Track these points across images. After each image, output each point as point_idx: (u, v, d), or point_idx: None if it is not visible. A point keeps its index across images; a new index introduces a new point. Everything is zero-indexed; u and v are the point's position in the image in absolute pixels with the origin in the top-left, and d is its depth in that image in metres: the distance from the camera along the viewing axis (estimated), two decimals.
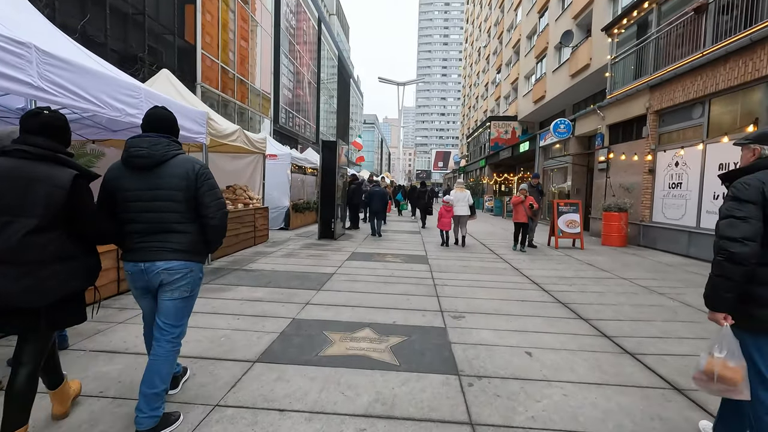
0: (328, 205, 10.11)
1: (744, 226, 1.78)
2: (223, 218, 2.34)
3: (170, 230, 2.22)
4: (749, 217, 1.78)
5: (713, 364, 1.85)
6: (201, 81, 17.45)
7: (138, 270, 2.21)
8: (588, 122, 13.78)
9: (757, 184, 1.81)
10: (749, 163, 1.95)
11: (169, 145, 2.26)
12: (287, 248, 8.55)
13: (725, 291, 1.81)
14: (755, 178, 1.84)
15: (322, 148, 10.09)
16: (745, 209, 1.80)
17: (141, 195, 2.19)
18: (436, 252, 8.78)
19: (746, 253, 1.75)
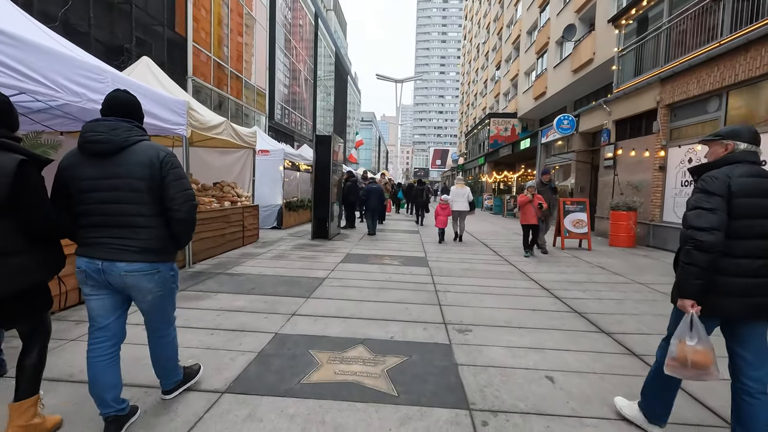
0: (321, 204, 9.58)
1: (711, 217, 1.88)
2: (191, 211, 2.13)
3: (131, 224, 2.02)
4: (716, 209, 1.88)
5: (685, 351, 1.94)
6: (192, 75, 16.86)
7: (95, 268, 2.00)
8: (593, 118, 13.28)
9: (724, 178, 1.91)
10: (720, 157, 2.04)
11: (130, 130, 2.05)
12: (278, 249, 8.02)
13: (694, 278, 1.91)
14: (722, 172, 1.94)
15: (315, 143, 9.55)
16: (713, 201, 1.89)
17: (98, 184, 1.98)
18: (436, 253, 8.26)
19: (713, 242, 1.85)
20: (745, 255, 1.91)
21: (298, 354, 3.12)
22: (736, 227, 1.90)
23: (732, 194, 1.89)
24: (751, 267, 1.90)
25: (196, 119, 6.16)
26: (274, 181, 11.47)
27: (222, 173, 8.88)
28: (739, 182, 1.90)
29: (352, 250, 8.28)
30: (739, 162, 1.97)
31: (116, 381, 2.11)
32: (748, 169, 1.94)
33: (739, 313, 1.94)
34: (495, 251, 8.80)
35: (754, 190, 1.90)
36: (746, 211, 1.89)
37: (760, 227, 1.90)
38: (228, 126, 7.36)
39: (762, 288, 1.90)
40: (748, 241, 1.90)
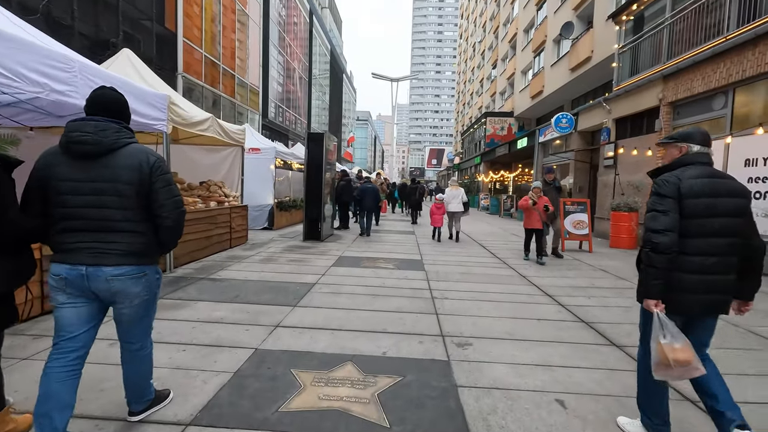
0: (314, 204, 9.23)
1: (664, 219, 1.95)
2: (180, 218, 2.09)
3: (115, 229, 1.93)
4: (668, 210, 1.95)
5: (664, 351, 1.93)
6: (183, 71, 16.44)
7: (77, 274, 1.88)
8: (592, 116, 13.02)
9: (675, 181, 1.98)
10: (675, 159, 2.11)
11: (119, 132, 1.96)
12: (267, 251, 7.66)
13: (653, 278, 1.97)
14: (673, 174, 2.02)
15: (307, 141, 9.20)
16: (665, 203, 1.97)
17: (80, 187, 1.89)
18: (432, 255, 7.94)
19: (666, 243, 1.92)
20: (699, 253, 1.98)
21: (278, 374, 2.78)
22: (689, 226, 1.97)
23: (682, 195, 1.97)
24: (705, 264, 1.97)
25: (178, 114, 5.80)
26: (265, 181, 11.10)
27: (209, 172, 8.51)
28: (689, 183, 1.98)
29: (345, 252, 7.94)
30: (692, 164, 2.06)
31: (71, 401, 1.92)
32: (700, 171, 2.02)
33: (697, 309, 2.03)
34: (493, 253, 8.49)
35: (704, 191, 1.97)
36: (697, 210, 1.96)
37: (711, 225, 1.97)
38: (214, 122, 7.00)
39: (716, 284, 1.99)
40: (702, 239, 1.98)
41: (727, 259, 1.99)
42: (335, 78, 52.62)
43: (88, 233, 1.92)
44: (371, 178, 16.09)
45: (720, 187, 1.99)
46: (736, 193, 2.01)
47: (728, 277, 2.01)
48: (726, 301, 2.04)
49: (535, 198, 7.37)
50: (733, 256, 2.01)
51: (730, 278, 2.02)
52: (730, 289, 2.04)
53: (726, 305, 2.05)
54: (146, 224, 2.02)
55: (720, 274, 1.99)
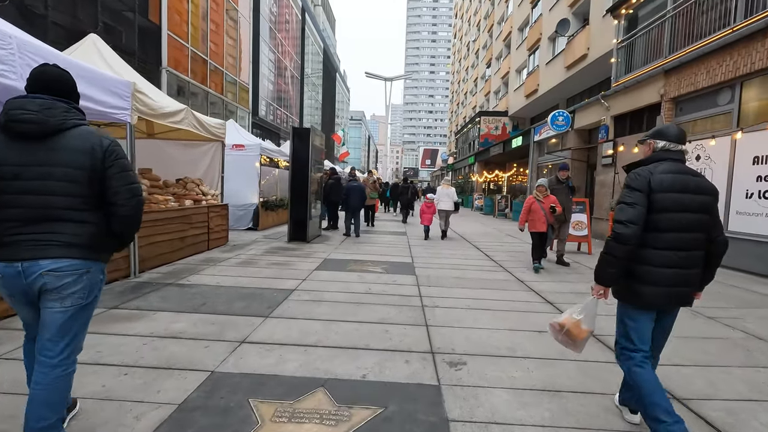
0: (299, 203, 8.73)
1: (630, 211, 1.99)
2: (137, 207, 1.90)
3: (60, 218, 1.75)
4: (636, 203, 1.99)
5: (568, 321, 2.21)
6: (167, 65, 15.84)
7: (13, 272, 1.70)
8: (589, 114, 12.65)
9: (646, 175, 2.02)
10: (648, 155, 2.18)
11: (68, 111, 1.79)
12: (247, 254, 7.15)
13: (609, 267, 2.05)
14: (645, 169, 2.07)
15: (292, 136, 8.69)
16: (633, 196, 2.01)
17: (22, 172, 1.70)
18: (424, 258, 7.48)
19: (628, 234, 1.96)
20: (668, 247, 2.01)
21: (232, 406, 2.29)
22: (660, 220, 1.99)
23: (652, 189, 1.99)
24: (673, 258, 2.01)
25: (146, 104, 5.29)
26: (250, 179, 10.59)
27: (187, 169, 7.97)
28: (660, 178, 2.00)
29: (331, 254, 7.45)
30: (664, 160, 2.08)
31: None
32: (670, 166, 2.04)
33: (665, 302, 2.06)
34: (488, 256, 8.05)
35: (673, 186, 1.99)
36: (666, 204, 1.98)
37: (681, 220, 1.99)
38: (189, 114, 6.48)
39: (683, 278, 2.03)
40: (671, 234, 2.00)
41: (695, 254, 2.04)
42: (328, 77, 52.06)
43: (29, 224, 1.72)
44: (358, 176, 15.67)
45: (690, 183, 2.02)
46: (704, 191, 2.04)
47: (695, 271, 2.07)
48: (685, 295, 2.09)
49: (540, 197, 6.66)
50: (700, 250, 2.06)
51: (696, 272, 2.08)
52: (695, 282, 2.10)
53: (690, 298, 2.12)
54: (96, 213, 1.83)
55: (689, 268, 2.04)
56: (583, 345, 2.24)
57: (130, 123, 4.99)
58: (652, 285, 2.02)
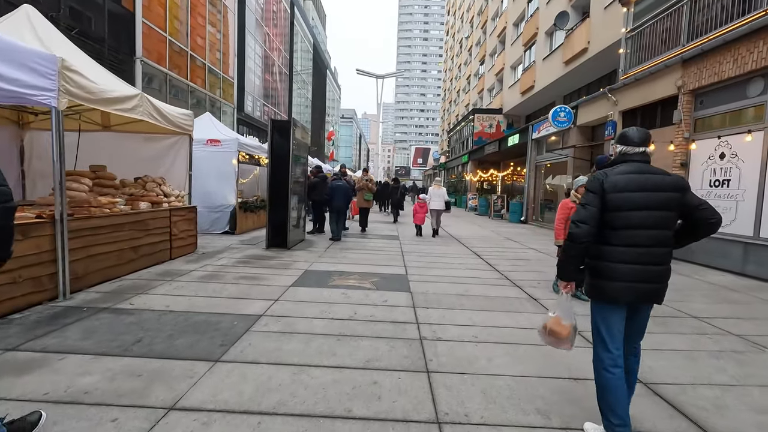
0: (279, 205, 7.77)
1: (582, 212, 2.11)
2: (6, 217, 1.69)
3: None
4: (588, 204, 2.11)
5: (550, 322, 2.28)
6: (142, 55, 14.73)
7: None
8: (594, 109, 11.86)
9: (600, 177, 2.12)
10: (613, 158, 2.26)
11: None
12: (216, 264, 6.18)
13: (566, 263, 2.20)
14: (602, 172, 2.16)
15: (271, 129, 7.71)
16: (587, 197, 2.13)
17: None
18: (419, 268, 6.58)
19: (578, 233, 2.08)
20: (625, 244, 2.08)
21: None
22: (614, 219, 2.08)
23: (605, 190, 2.08)
24: (632, 255, 2.07)
25: (81, 86, 4.29)
26: (227, 177, 9.59)
27: (149, 166, 6.96)
28: (614, 179, 2.08)
29: (314, 264, 6.51)
30: (624, 161, 2.17)
31: None
32: (629, 167, 2.12)
33: (629, 297, 2.10)
34: (491, 265, 7.17)
35: (627, 186, 2.06)
36: (618, 203, 2.06)
37: (635, 218, 2.06)
38: (144, 101, 5.49)
39: (643, 273, 2.07)
40: (627, 231, 2.07)
41: (655, 250, 2.08)
42: (318, 73, 50.90)
43: None
44: (351, 175, 14.69)
45: (648, 182, 2.07)
46: (665, 188, 2.07)
47: (658, 267, 2.09)
48: (659, 290, 2.12)
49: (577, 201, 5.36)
50: (663, 247, 2.09)
51: (660, 269, 2.10)
52: (662, 278, 2.11)
53: (659, 294, 2.13)
54: None
55: (650, 264, 2.07)
56: (572, 340, 2.26)
57: (57, 108, 4.00)
58: (611, 280, 2.09)
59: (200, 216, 9.54)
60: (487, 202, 22.01)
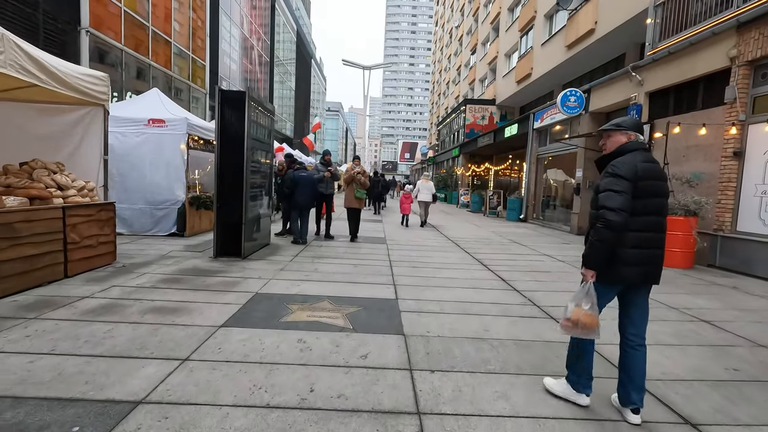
0: (230, 201, 5.99)
1: (620, 199, 2.09)
2: None
3: None
4: (624, 191, 2.10)
5: (578, 314, 2.20)
6: (90, 26, 12.62)
7: None
8: (611, 92, 10.31)
9: (632, 165, 2.13)
10: (622, 145, 2.25)
11: None
12: (129, 285, 4.39)
13: (600, 253, 2.14)
14: (628, 158, 2.17)
15: (219, 103, 5.88)
16: (621, 184, 2.10)
17: None
18: (414, 287, 4.88)
19: (620, 222, 2.07)
20: (640, 229, 2.15)
21: None
22: (635, 206, 2.12)
23: (639, 177, 2.12)
24: (644, 239, 2.16)
25: None
26: (173, 167, 7.75)
27: (46, 148, 5.10)
28: (643, 167, 2.14)
29: (270, 283, 4.76)
30: (636, 150, 2.21)
31: None
32: (645, 156, 2.20)
33: (636, 280, 2.19)
34: (505, 280, 5.52)
35: (648, 174, 2.15)
36: (645, 191, 2.14)
37: (652, 205, 2.17)
38: (7, 45, 3.63)
39: (650, 257, 2.18)
40: (644, 218, 2.15)
41: (660, 235, 2.20)
42: (303, 63, 48.62)
43: None
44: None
45: (657, 171, 2.20)
46: (663, 177, 2.23)
47: (659, 251, 2.21)
48: (658, 272, 2.22)
49: None
50: (662, 232, 2.22)
51: (662, 252, 2.23)
52: (661, 261, 2.23)
53: (658, 276, 2.23)
54: None
55: (655, 248, 2.19)
56: (599, 330, 2.21)
57: None
58: (626, 265, 2.14)
59: (141, 215, 7.70)
60: (481, 198, 20.45)
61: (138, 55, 15.00)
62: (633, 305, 2.26)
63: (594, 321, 2.16)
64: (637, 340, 2.25)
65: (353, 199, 8.39)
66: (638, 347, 2.24)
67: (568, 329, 2.26)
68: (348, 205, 8.46)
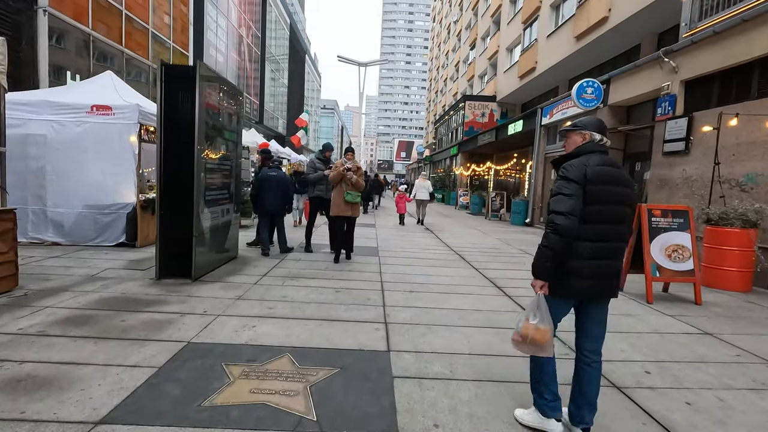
0: (177, 206, 4.68)
1: (569, 202, 1.95)
2: None
3: None
4: (573, 194, 1.96)
5: (528, 328, 2.03)
6: (47, 5, 11.21)
7: None
8: (634, 82, 9.09)
9: (581, 167, 1.99)
10: (578, 146, 2.13)
11: None
12: (10, 330, 3.07)
13: (547, 260, 1.99)
14: (580, 161, 2.04)
15: (161, 80, 4.56)
16: (571, 187, 1.97)
17: None
18: (413, 327, 3.60)
19: (568, 226, 1.93)
20: (595, 239, 1.99)
21: None
22: (588, 213, 1.97)
23: (588, 181, 1.96)
24: (599, 250, 2.00)
25: None
26: (122, 163, 6.42)
27: None
28: (595, 171, 1.98)
29: (213, 324, 3.45)
30: (593, 152, 2.07)
31: None
32: (601, 159, 2.05)
33: (590, 295, 2.04)
34: None
35: (601, 178, 1.99)
36: (596, 197, 1.97)
37: (606, 213, 2.00)
38: None
39: (605, 269, 2.02)
40: (597, 226, 1.99)
41: (617, 245, 2.04)
42: (296, 58, 47.13)
43: None
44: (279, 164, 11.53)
45: (615, 175, 2.02)
46: (625, 183, 2.06)
47: (617, 262, 2.07)
48: (613, 286, 2.08)
49: None
50: (622, 242, 2.07)
51: (618, 264, 2.08)
52: (619, 273, 2.10)
53: (614, 289, 2.09)
54: None
55: (611, 259, 2.03)
56: (552, 345, 2.03)
57: None
58: (580, 278, 1.99)
59: (82, 221, 6.35)
60: (482, 200, 19.21)
61: (109, 41, 13.58)
62: (589, 319, 2.13)
63: (545, 337, 2.00)
64: (592, 356, 2.11)
65: (341, 204, 6.21)
66: (593, 363, 2.11)
67: (517, 344, 2.11)
68: (336, 212, 6.26)
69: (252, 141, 13.10)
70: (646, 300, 4.79)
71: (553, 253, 1.95)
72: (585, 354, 2.12)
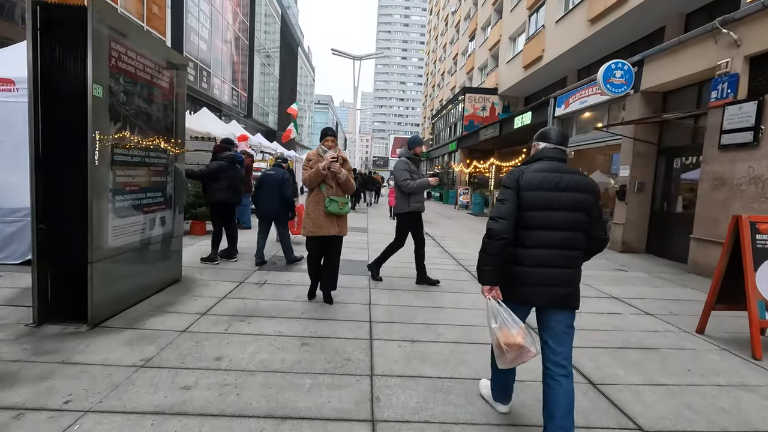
0: (75, 216, 3.14)
1: (501, 207, 1.98)
2: None
3: None
4: (506, 200, 1.97)
5: (495, 335, 1.94)
6: None
7: None
8: (677, 62, 7.61)
9: (517, 173, 2.02)
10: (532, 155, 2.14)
11: None
12: None
13: (484, 264, 1.99)
14: (517, 168, 2.06)
15: (33, 25, 3.02)
16: (505, 193, 2.00)
17: None
18: (416, 424, 2.12)
19: (496, 228, 1.93)
20: (538, 245, 1.96)
21: None
22: (529, 219, 1.95)
23: (520, 187, 1.96)
24: (543, 257, 1.95)
25: None
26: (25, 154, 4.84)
27: None
28: (529, 176, 1.97)
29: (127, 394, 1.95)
30: (540, 159, 2.06)
31: None
32: (544, 165, 2.01)
33: (540, 302, 2.00)
34: (596, 386, 2.77)
35: (541, 184, 1.95)
36: (534, 203, 1.94)
37: (550, 219, 1.95)
38: None
39: (552, 277, 1.95)
40: (541, 232, 1.95)
41: (566, 253, 1.97)
42: (288, 50, 45.29)
43: None
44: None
45: (561, 181, 1.97)
46: (578, 188, 1.98)
47: (567, 270, 1.98)
48: (570, 294, 2.00)
49: None
50: (574, 250, 1.99)
51: (569, 272, 1.99)
52: (572, 282, 2.01)
53: (571, 299, 2.01)
54: None
55: (559, 267, 1.96)
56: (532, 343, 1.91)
57: None
58: (524, 285, 1.98)
59: None
60: (484, 199, 17.74)
61: None
62: (548, 330, 2.02)
63: (514, 337, 1.87)
64: (557, 369, 1.94)
65: (321, 217, 4.01)
66: (559, 378, 1.92)
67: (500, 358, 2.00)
68: (311, 230, 4.03)
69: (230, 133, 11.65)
70: (752, 354, 3.32)
71: (487, 255, 1.96)
72: (547, 366, 1.99)
